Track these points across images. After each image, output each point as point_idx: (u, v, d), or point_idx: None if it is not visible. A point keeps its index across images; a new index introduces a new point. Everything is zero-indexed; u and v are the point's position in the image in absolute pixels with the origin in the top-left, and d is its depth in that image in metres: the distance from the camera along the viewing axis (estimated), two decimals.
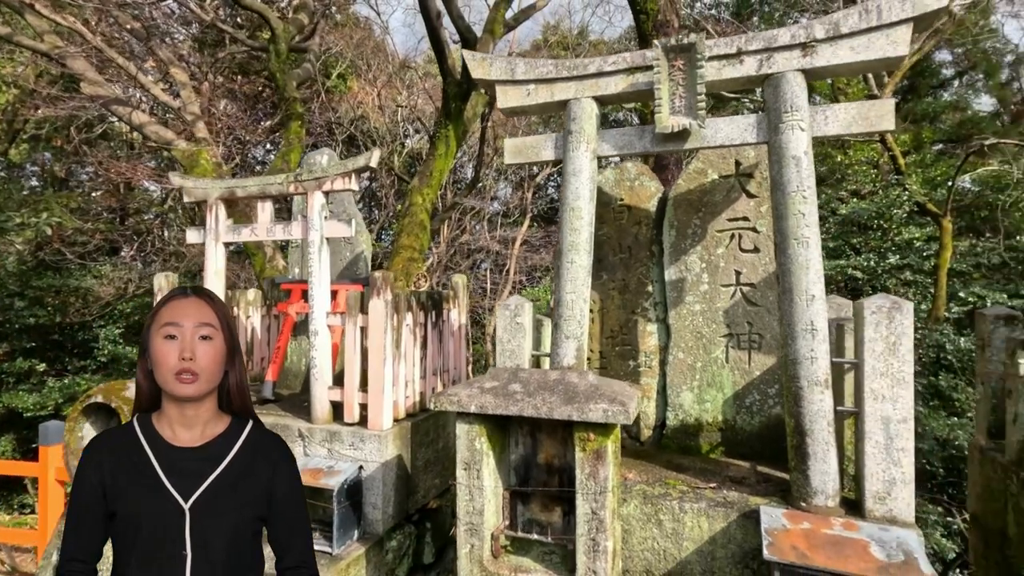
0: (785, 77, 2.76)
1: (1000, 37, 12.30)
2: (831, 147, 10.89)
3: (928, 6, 2.55)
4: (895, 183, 9.93)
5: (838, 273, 9.60)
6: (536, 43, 14.91)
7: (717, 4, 14.31)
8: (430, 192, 9.50)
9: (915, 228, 9.84)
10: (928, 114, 12.53)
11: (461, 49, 8.80)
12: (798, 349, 2.71)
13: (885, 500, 2.58)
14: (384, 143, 14.11)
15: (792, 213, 2.73)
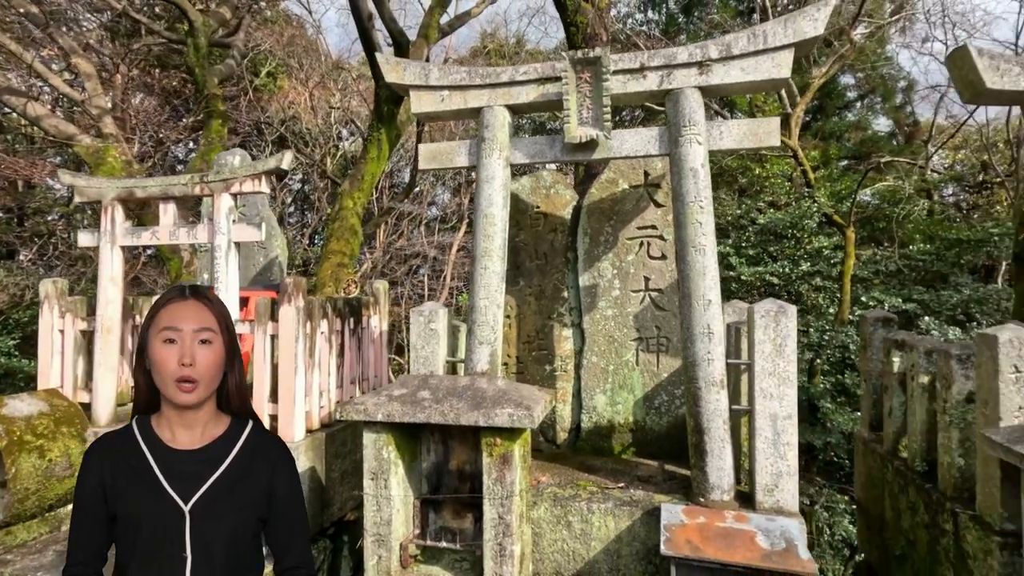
0: (684, 93, 2.90)
1: (895, 65, 13.53)
2: (751, 160, 11.57)
3: (806, 34, 2.76)
4: (806, 195, 10.63)
5: (757, 279, 10.16)
6: (474, 50, 14.99)
7: (648, 21, 14.93)
8: (361, 196, 9.30)
9: (824, 237, 10.55)
10: (835, 132, 13.58)
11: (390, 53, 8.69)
12: (696, 351, 2.85)
13: (773, 492, 2.74)
14: (317, 145, 13.71)
15: (691, 222, 2.88)
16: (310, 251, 13.59)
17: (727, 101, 13.52)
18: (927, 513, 2.96)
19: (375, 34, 9.42)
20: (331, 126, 13.46)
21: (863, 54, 12.52)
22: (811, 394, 9.07)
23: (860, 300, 9.88)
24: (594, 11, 8.62)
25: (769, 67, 2.82)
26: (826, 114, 13.94)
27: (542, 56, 14.40)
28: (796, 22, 2.78)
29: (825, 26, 2.75)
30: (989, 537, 2.47)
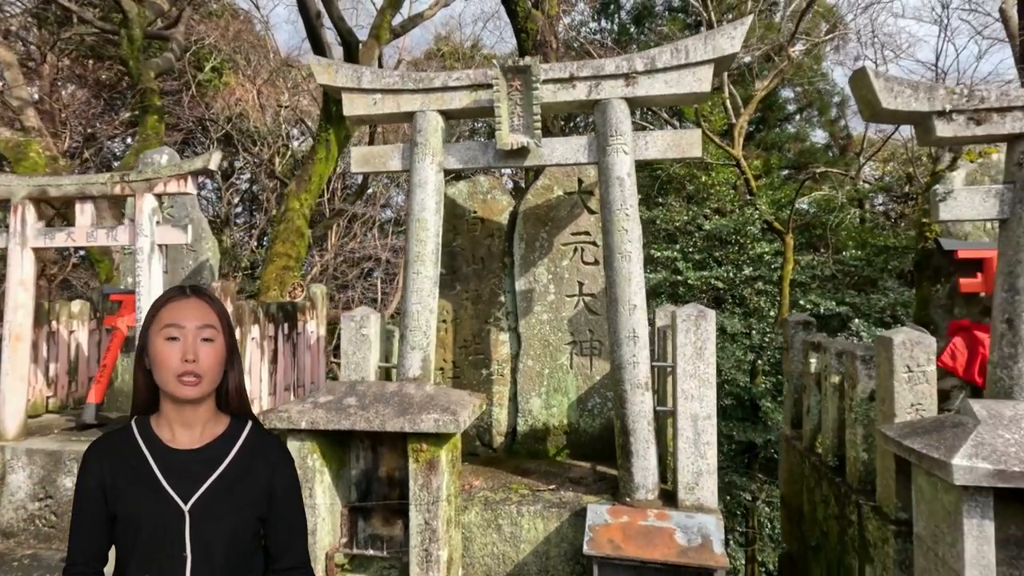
0: (611, 103, 2.99)
1: (830, 81, 14.29)
2: (697, 168, 11.97)
3: (724, 50, 2.89)
4: (749, 203, 11.05)
5: (703, 283, 10.48)
6: (429, 52, 14.91)
7: (601, 30, 15.23)
8: (309, 197, 9.09)
9: (766, 243, 10.97)
10: (776, 143, 14.21)
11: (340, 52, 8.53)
12: (622, 355, 2.93)
13: (694, 490, 2.84)
14: (266, 144, 13.31)
15: (617, 229, 2.96)
16: (258, 253, 13.16)
17: (676, 111, 13.94)
18: (837, 505, 3.13)
19: (324, 32, 9.25)
20: (280, 125, 13.10)
21: (801, 70, 13.17)
22: (753, 394, 9.42)
23: (798, 303, 10.32)
24: (544, 18, 8.72)
25: (691, 81, 2.94)
26: (768, 125, 14.57)
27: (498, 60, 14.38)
28: (715, 39, 2.91)
29: (741, 44, 2.89)
30: (886, 526, 2.64)
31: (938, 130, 2.64)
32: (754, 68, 13.50)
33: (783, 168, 13.87)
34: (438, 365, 3.68)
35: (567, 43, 14.73)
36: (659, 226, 11.80)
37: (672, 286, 10.84)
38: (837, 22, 12.90)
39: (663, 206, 12.26)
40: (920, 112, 2.63)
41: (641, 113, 14.50)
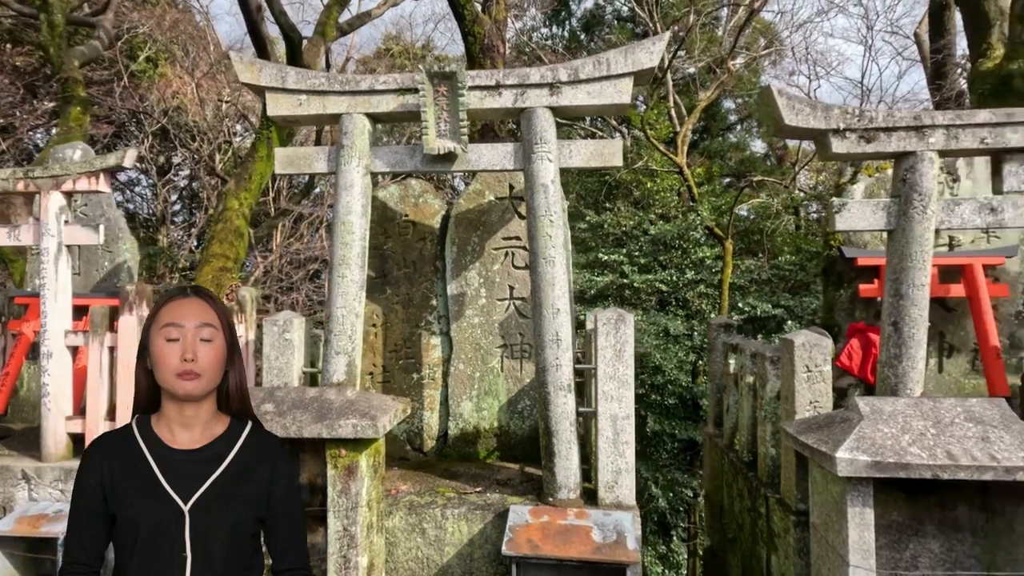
0: (536, 112, 3.05)
1: None
2: (643, 175, 12.31)
3: (643, 64, 3.01)
4: (692, 209, 11.44)
5: (648, 286, 10.76)
6: (379, 51, 14.72)
7: (552, 36, 15.45)
8: (249, 196, 8.80)
9: (707, 248, 11.36)
10: (718, 152, 14.80)
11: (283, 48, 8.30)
12: (546, 357, 2.99)
13: (613, 488, 2.94)
14: (206, 140, 12.79)
15: (542, 235, 3.02)
16: (197, 253, 12.62)
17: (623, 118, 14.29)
18: (750, 499, 3.30)
19: (266, 27, 8.99)
20: (221, 120, 12.62)
21: (742, 82, 13.77)
22: (695, 393, 9.74)
23: (737, 306, 10.74)
24: (491, 23, 8.78)
25: (612, 92, 3.04)
26: (711, 135, 15.16)
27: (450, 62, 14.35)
28: (635, 53, 3.02)
29: (659, 59, 3.01)
30: (788, 517, 2.81)
31: (834, 146, 2.83)
32: (698, 79, 14.00)
33: (725, 176, 14.45)
34: (367, 370, 3.65)
35: (519, 48, 14.88)
36: (607, 230, 12.05)
37: (619, 289, 11.09)
38: (774, 39, 13.57)
39: (611, 211, 12.53)
40: (818, 129, 2.82)
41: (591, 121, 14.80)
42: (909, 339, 2.77)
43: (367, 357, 3.63)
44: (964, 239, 3.56)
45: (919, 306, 2.76)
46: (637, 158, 13.10)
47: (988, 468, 2.17)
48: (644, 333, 9.57)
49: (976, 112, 2.76)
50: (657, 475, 9.06)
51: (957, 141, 2.75)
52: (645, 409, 9.09)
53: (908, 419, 2.36)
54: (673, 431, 9.25)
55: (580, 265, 11.60)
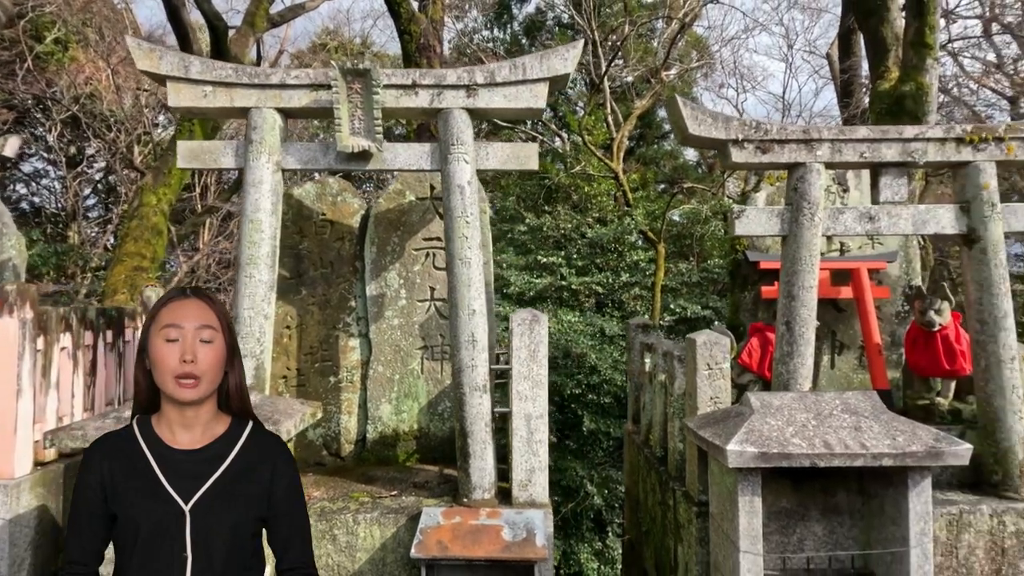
0: (453, 113, 3.05)
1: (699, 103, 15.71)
2: (580, 179, 12.58)
3: (558, 70, 3.07)
4: (627, 214, 11.76)
5: (585, 288, 10.98)
6: (315, 46, 14.30)
7: (494, 39, 15.53)
8: (168, 192, 8.31)
9: (641, 252, 11.71)
10: (653, 159, 15.34)
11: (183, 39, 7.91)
12: (462, 358, 2.99)
13: (527, 487, 2.97)
14: (123, 130, 11.97)
15: (458, 236, 3.02)
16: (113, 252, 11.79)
17: (563, 122, 14.55)
18: (660, 492, 3.43)
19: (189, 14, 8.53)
20: (141, 110, 11.85)
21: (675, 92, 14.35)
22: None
23: (669, 307, 11.13)
24: (428, 22, 8.70)
25: (528, 97, 3.09)
26: (647, 142, 15.69)
27: (389, 60, 14.23)
28: (550, 59, 3.08)
29: (574, 66, 3.09)
30: (691, 508, 2.94)
31: (733, 156, 3.00)
32: (635, 88, 14.43)
33: (659, 182, 14.99)
34: (280, 373, 3.53)
35: (459, 49, 14.86)
36: (547, 233, 12.20)
37: (558, 291, 11.25)
38: (705, 52, 14.22)
39: (551, 214, 12.69)
40: (719, 139, 2.98)
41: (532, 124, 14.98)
42: (799, 338, 2.97)
43: (280, 360, 3.51)
44: (853, 245, 3.86)
45: (808, 307, 2.97)
46: (575, 162, 13.37)
47: (859, 455, 2.36)
48: (581, 334, 9.75)
49: (857, 128, 2.99)
50: (593, 473, 9.23)
51: (841, 154, 2.98)
52: (582, 409, 9.25)
53: (793, 412, 2.53)
54: (608, 429, 9.49)
55: (520, 267, 11.71)
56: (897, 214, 3.01)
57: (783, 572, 2.67)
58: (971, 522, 2.83)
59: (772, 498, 2.70)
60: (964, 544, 2.82)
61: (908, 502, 2.42)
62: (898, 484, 2.48)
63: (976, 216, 2.96)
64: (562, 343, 9.96)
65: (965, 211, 2.99)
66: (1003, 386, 2.93)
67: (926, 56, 6.18)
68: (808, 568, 2.69)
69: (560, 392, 9.88)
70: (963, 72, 10.80)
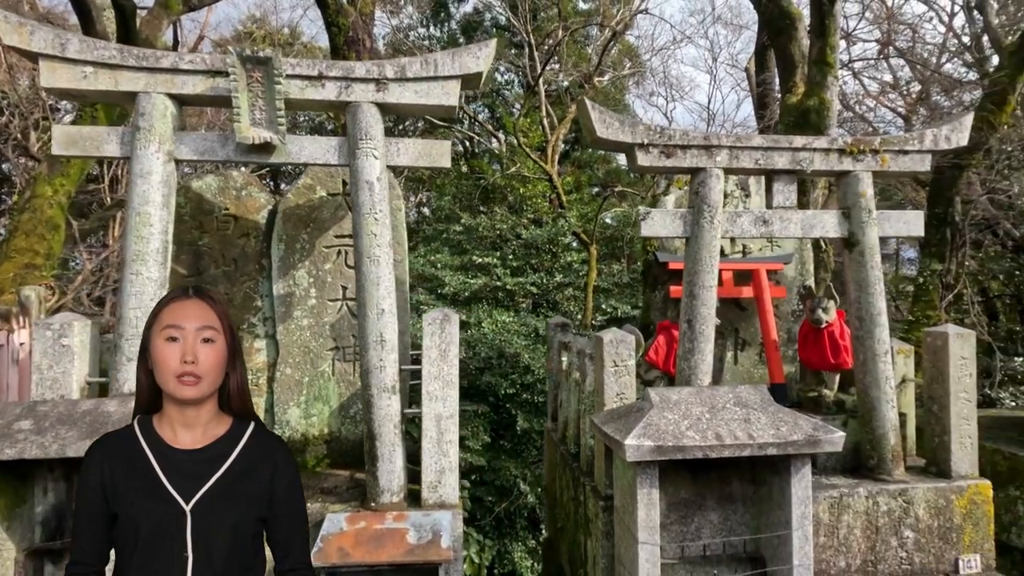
0: (361, 107, 2.97)
1: (631, 111, 16.22)
2: (516, 180, 12.67)
3: (470, 68, 3.06)
4: (561, 215, 11.95)
5: (519, 288, 11.04)
6: (239, 34, 13.61)
7: (431, 36, 15.37)
8: (67, 183, 7.64)
9: (575, 253, 11.92)
10: (588, 162, 15.70)
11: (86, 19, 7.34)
12: (370, 359, 2.92)
13: (437, 488, 2.94)
14: (17, 114, 10.90)
15: (366, 233, 2.95)
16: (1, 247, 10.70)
17: (500, 123, 14.61)
18: (573, 489, 3.49)
19: None
20: (39, 92, 10.82)
21: (608, 98, 14.74)
22: None
23: (601, 307, 11.40)
24: (357, 15, 8.48)
25: (440, 93, 3.05)
26: (582, 146, 16.02)
27: (320, 52, 13.76)
28: (462, 57, 3.06)
29: (486, 65, 3.08)
30: (598, 503, 3.00)
31: (639, 159, 3.09)
32: (570, 92, 14.70)
33: (593, 185, 15.34)
34: None
35: (395, 45, 14.59)
36: (482, 233, 12.20)
37: (492, 291, 11.26)
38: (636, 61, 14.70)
39: (486, 214, 12.69)
40: (626, 143, 3.07)
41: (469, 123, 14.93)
42: (700, 335, 3.10)
43: None
44: (754, 247, 4.10)
45: (708, 305, 3.11)
46: (511, 164, 13.46)
47: (746, 446, 2.49)
48: (515, 334, 9.80)
49: (752, 137, 3.17)
50: (526, 471, 9.30)
51: (738, 161, 3.14)
52: (516, 408, 9.30)
53: (689, 406, 2.64)
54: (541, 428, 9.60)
55: (455, 267, 11.64)
56: (788, 218, 3.21)
57: (681, 560, 2.78)
58: (850, 504, 3.05)
59: (672, 489, 2.80)
60: (844, 524, 3.04)
61: (791, 488, 2.58)
62: (783, 472, 2.64)
63: (855, 221, 3.21)
64: (496, 343, 9.99)
65: (846, 217, 3.24)
66: (878, 378, 3.18)
67: (827, 74, 6.66)
68: (704, 555, 2.82)
69: (495, 392, 9.90)
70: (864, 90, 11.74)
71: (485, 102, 15.81)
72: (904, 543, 3.07)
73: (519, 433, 9.04)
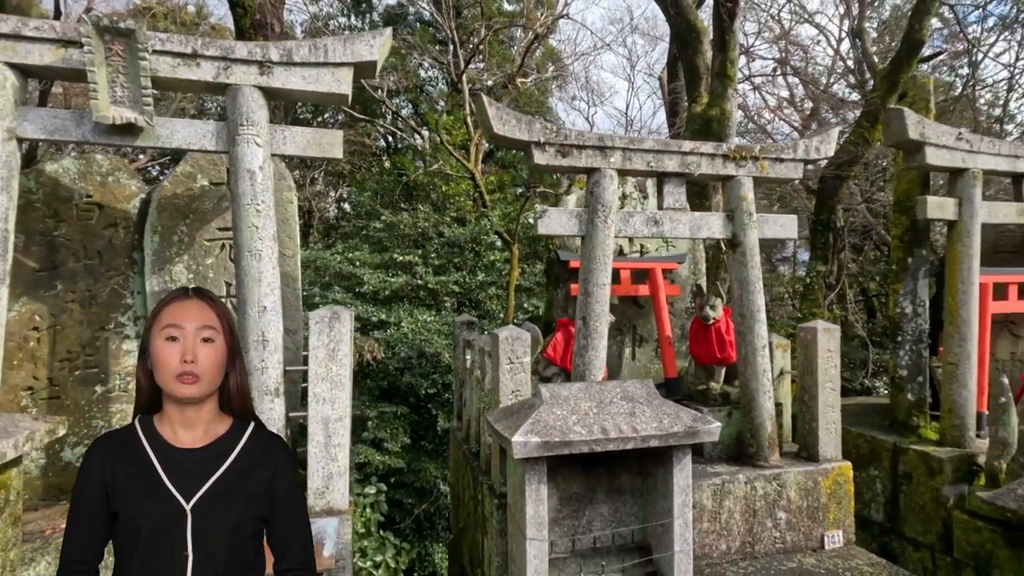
0: (243, 91, 2.77)
1: (554, 114, 16.53)
2: (438, 178, 12.52)
3: (363, 56, 2.94)
4: (483, 215, 11.94)
5: (442, 287, 10.92)
6: (135, 8, 12.47)
7: (351, 27, 14.85)
8: None
9: (497, 252, 11.95)
10: (511, 162, 15.83)
11: None
12: (250, 360, 2.73)
13: (324, 494, 2.80)
14: None
15: (246, 225, 2.76)
16: None
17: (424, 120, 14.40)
18: (473, 488, 3.46)
19: None
20: None
21: (532, 100, 14.93)
22: None
23: (523, 306, 11.50)
24: None
25: (330, 80, 2.91)
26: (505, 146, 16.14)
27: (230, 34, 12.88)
28: (354, 44, 2.94)
29: (380, 54, 2.98)
30: (494, 500, 2.99)
31: (536, 157, 3.11)
32: (495, 92, 14.76)
33: (516, 185, 15.48)
34: (24, 384, 2.94)
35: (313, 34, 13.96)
36: (404, 230, 11.97)
37: (414, 290, 11.06)
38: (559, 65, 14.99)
39: (408, 211, 12.47)
40: (523, 140, 3.08)
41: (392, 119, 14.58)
42: (594, 332, 3.17)
43: (23, 369, 2.92)
44: (651, 247, 4.27)
45: (602, 303, 3.18)
46: (434, 161, 13.30)
47: (630, 439, 2.56)
48: (435, 333, 9.69)
49: (645, 139, 3.28)
50: (446, 472, 9.21)
51: (631, 162, 3.24)
52: (437, 408, 9.21)
53: (578, 401, 2.68)
54: None
55: (374, 265, 11.35)
56: (678, 219, 3.36)
57: (572, 553, 2.82)
58: (731, 490, 3.23)
59: (564, 484, 2.84)
60: (725, 509, 3.22)
61: (673, 477, 2.69)
62: (666, 462, 2.74)
63: (738, 223, 3.41)
64: (417, 343, 9.84)
65: (730, 219, 3.43)
66: (757, 371, 3.40)
67: (728, 86, 7.08)
68: (595, 547, 2.88)
69: (415, 393, 9.75)
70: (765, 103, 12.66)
71: (409, 97, 15.54)
72: (778, 523, 3.30)
73: (440, 433, 8.96)
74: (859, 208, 9.05)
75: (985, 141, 3.88)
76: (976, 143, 3.83)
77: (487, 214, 11.80)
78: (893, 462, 4.02)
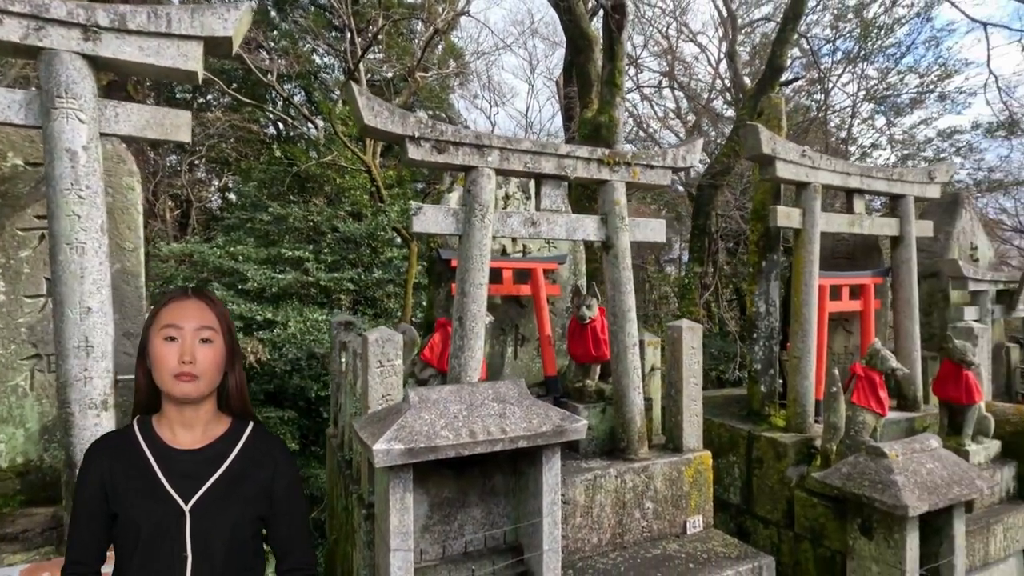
0: (60, 56, 2.39)
1: (456, 110, 16.45)
2: (332, 170, 11.93)
3: (215, 31, 2.67)
4: (381, 210, 11.55)
5: (336, 284, 10.41)
6: None
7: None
8: None
9: (396, 249, 11.63)
10: None
11: None
12: (69, 369, 2.37)
13: None
14: None
15: (65, 214, 2.38)
16: None
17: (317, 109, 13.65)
18: (345, 498, 3.29)
19: None
20: None
21: (433, 95, 14.71)
22: None
23: (422, 304, 11.27)
24: None
25: (175, 54, 2.60)
26: None
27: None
28: (204, 16, 2.66)
29: (235, 30, 2.71)
30: (362, 511, 2.85)
31: (410, 152, 3.01)
32: (394, 85, 14.33)
33: (416, 181, 15.20)
34: None
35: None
36: (293, 224, 11.30)
37: (304, 287, 10.47)
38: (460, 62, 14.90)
39: (299, 204, 11.81)
40: (396, 134, 2.96)
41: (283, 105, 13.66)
42: (470, 332, 3.12)
43: None
44: (533, 247, 4.33)
45: (478, 303, 3.15)
46: (328, 152, 12.66)
47: (499, 440, 2.54)
48: (327, 333, 9.26)
49: (522, 140, 3.29)
50: None
51: (509, 162, 3.23)
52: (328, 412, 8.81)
53: (448, 404, 2.62)
54: None
55: (260, 260, 10.61)
56: (554, 221, 3.41)
57: (443, 560, 2.76)
58: (603, 484, 3.34)
59: (435, 490, 2.77)
60: (597, 503, 3.33)
61: (542, 476, 2.72)
62: (537, 462, 2.77)
63: (611, 227, 3.53)
64: (306, 343, 9.33)
65: (604, 222, 3.55)
66: (628, 368, 3.55)
67: (616, 94, 7.42)
68: (466, 551, 2.84)
69: (304, 396, 9.24)
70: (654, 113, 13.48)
71: (301, 83, 14.67)
72: (645, 513, 3.47)
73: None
74: (732, 214, 9.90)
75: (824, 159, 4.36)
76: (816, 160, 4.29)
77: (385, 209, 11.45)
78: (748, 448, 4.40)
